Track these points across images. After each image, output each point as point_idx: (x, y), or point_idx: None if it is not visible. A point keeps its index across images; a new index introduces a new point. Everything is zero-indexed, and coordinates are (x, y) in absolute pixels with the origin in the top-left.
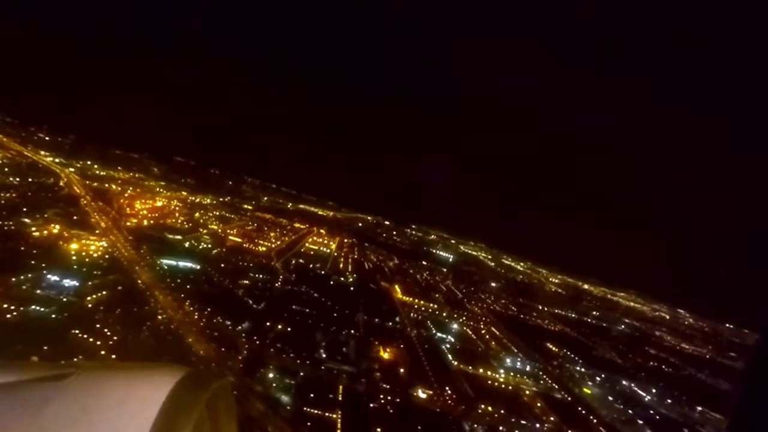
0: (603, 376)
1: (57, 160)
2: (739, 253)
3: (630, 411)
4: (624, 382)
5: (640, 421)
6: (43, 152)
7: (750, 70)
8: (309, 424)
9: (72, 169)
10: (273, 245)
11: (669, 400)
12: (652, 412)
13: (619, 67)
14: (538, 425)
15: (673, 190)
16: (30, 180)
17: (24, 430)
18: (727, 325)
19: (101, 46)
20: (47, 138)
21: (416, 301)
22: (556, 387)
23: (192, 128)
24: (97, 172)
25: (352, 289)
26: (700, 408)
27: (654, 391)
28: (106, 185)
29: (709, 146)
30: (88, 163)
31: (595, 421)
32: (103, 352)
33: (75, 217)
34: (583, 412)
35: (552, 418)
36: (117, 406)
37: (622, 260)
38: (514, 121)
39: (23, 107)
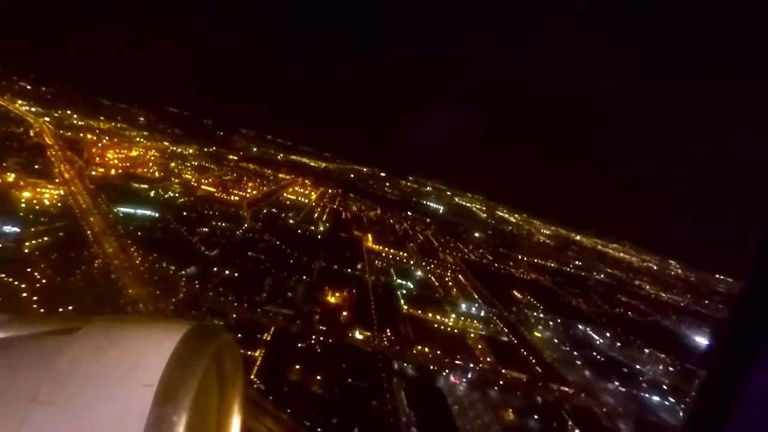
0: (559, 320)
1: (33, 109)
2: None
3: (575, 353)
4: (580, 327)
5: (578, 362)
6: (19, 102)
7: None
8: None
9: (48, 119)
10: (248, 195)
11: (619, 343)
12: (595, 353)
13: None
14: (471, 365)
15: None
16: None
17: (37, 382)
18: (718, 275)
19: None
20: (29, 87)
21: (386, 249)
22: (506, 331)
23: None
24: (76, 122)
25: (319, 237)
26: (648, 350)
27: (608, 335)
28: (81, 135)
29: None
30: (68, 112)
31: (533, 361)
32: (24, 295)
33: (36, 167)
34: (525, 353)
35: (489, 359)
36: (126, 359)
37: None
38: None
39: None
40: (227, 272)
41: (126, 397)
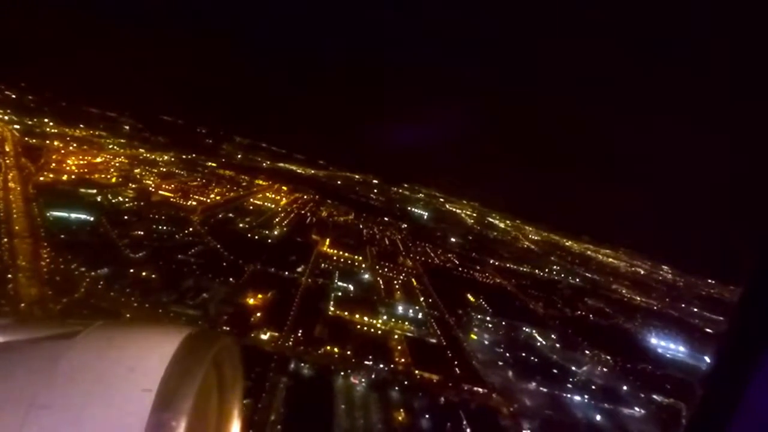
0: (504, 323)
1: (6, 117)
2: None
3: (507, 354)
4: (525, 330)
5: (507, 363)
6: None
7: None
8: None
9: (17, 127)
10: (208, 200)
11: (560, 345)
12: (530, 355)
13: None
14: (381, 365)
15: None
16: None
17: (36, 386)
18: (710, 280)
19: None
20: (14, 96)
21: (341, 253)
22: (438, 333)
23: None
24: (49, 130)
25: (269, 241)
26: (591, 352)
27: (553, 337)
28: (48, 142)
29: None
30: (45, 120)
31: (456, 362)
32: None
33: None
34: (450, 354)
35: (404, 360)
36: (126, 363)
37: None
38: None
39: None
40: (143, 274)
41: (125, 402)
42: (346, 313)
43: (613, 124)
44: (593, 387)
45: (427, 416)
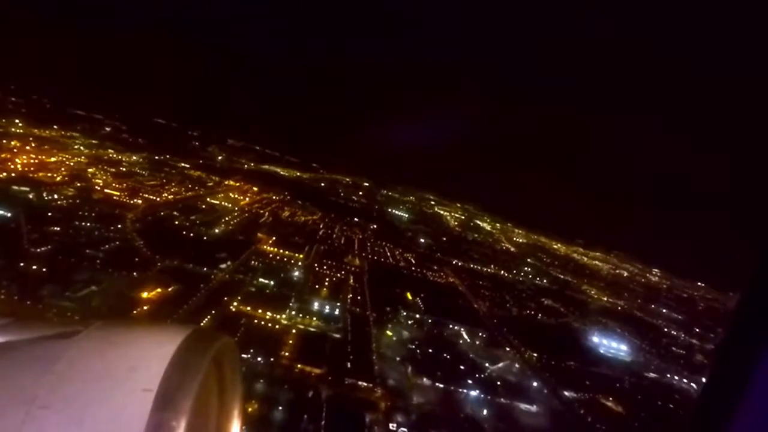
0: (431, 321)
1: None
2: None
3: (418, 351)
4: (454, 328)
5: (405, 359)
6: None
7: None
8: None
9: None
10: (159, 199)
11: (482, 343)
12: (439, 352)
13: None
14: (259, 359)
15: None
16: None
17: (36, 385)
18: (700, 283)
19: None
20: None
21: (280, 252)
22: (349, 329)
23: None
24: (14, 129)
25: (204, 239)
26: (515, 350)
27: (481, 335)
28: (4, 142)
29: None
30: (16, 121)
31: (351, 358)
32: None
33: None
34: (348, 350)
35: (289, 354)
36: (126, 363)
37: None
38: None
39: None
40: (34, 267)
41: (125, 402)
42: (249, 308)
43: (616, 126)
44: (498, 383)
45: (280, 408)
